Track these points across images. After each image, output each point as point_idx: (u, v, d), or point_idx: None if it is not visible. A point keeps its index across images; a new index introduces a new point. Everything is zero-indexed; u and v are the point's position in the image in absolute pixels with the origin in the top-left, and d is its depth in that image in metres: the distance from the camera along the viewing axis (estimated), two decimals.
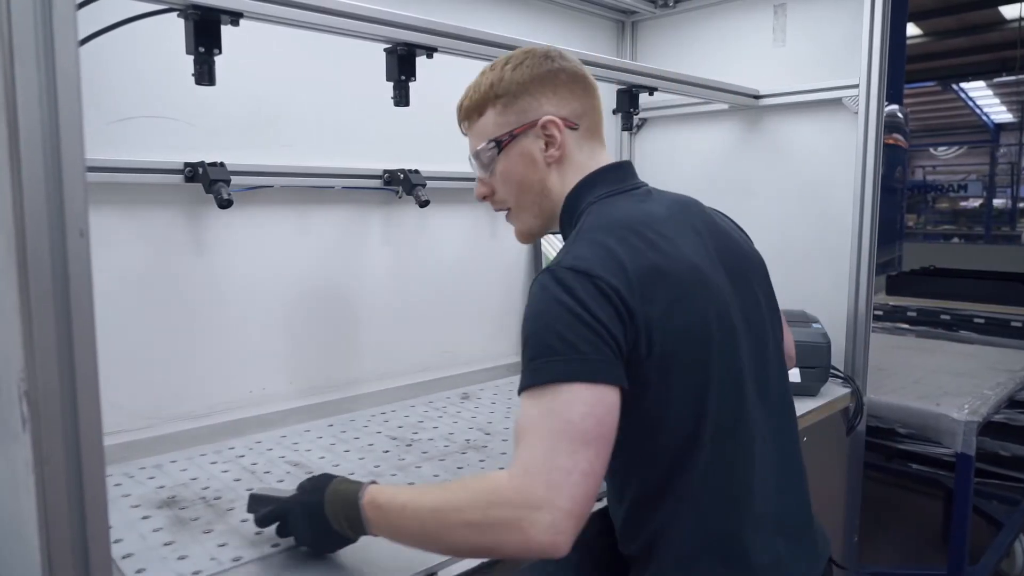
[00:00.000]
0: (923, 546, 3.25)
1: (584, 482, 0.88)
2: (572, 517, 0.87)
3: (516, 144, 1.15)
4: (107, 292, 1.54)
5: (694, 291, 1.03)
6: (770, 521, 1.08)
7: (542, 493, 0.87)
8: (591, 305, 0.94)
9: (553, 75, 1.14)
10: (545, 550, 0.88)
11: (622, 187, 1.15)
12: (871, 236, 2.06)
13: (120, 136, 1.54)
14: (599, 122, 1.19)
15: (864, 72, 2.01)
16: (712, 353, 1.03)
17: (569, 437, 0.89)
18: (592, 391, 0.91)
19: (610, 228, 1.04)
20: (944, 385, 2.56)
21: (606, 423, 0.92)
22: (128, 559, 1.08)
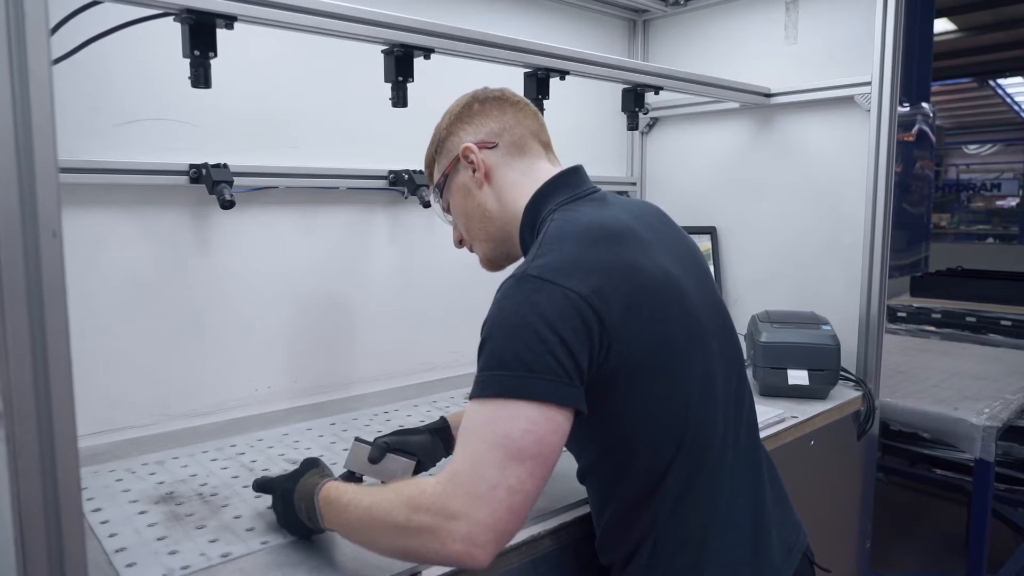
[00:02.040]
0: (946, 553, 3.18)
1: (508, 498, 0.88)
2: (491, 531, 0.87)
3: (452, 181, 1.22)
4: (113, 291, 1.58)
5: (667, 298, 1.02)
6: (751, 523, 1.09)
7: (461, 503, 0.88)
8: (554, 320, 0.92)
9: (468, 108, 1.21)
10: (461, 560, 0.88)
11: (580, 192, 1.15)
12: (884, 236, 2.02)
13: (127, 138, 1.57)
14: (525, 136, 1.20)
15: (876, 69, 1.97)
16: (688, 362, 1.03)
17: (503, 451, 0.89)
18: (537, 410, 0.90)
19: (577, 234, 1.03)
20: (964, 389, 2.50)
21: (548, 443, 0.90)
22: (121, 553, 1.10)
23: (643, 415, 1.01)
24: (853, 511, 2.14)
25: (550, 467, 0.92)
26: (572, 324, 0.92)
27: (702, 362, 1.05)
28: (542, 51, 1.60)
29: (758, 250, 2.33)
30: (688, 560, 1.04)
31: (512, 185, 1.17)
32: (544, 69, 1.64)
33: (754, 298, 2.34)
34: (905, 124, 4.03)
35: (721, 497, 1.06)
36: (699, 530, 1.05)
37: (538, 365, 0.91)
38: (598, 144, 2.56)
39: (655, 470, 1.03)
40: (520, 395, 0.90)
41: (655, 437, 1.02)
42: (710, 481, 1.05)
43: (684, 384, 1.03)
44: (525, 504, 0.90)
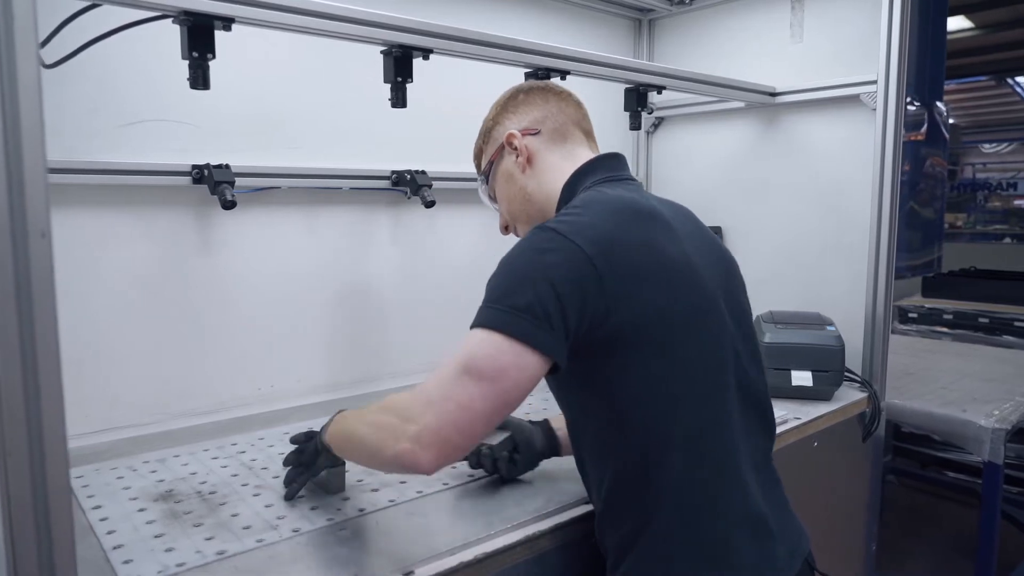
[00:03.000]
0: (956, 556, 3.14)
1: (457, 411, 0.95)
2: (435, 435, 0.94)
3: (497, 168, 1.29)
4: (116, 291, 1.60)
5: (680, 280, 1.05)
6: (756, 521, 1.08)
7: (418, 408, 0.97)
8: (553, 269, 0.97)
9: (512, 99, 1.29)
10: (406, 459, 0.96)
11: (617, 175, 1.21)
12: (890, 235, 2.00)
13: (130, 139, 1.58)
14: (567, 124, 1.26)
15: (882, 68, 1.95)
16: (693, 339, 1.04)
17: (464, 369, 0.96)
18: (508, 343, 0.95)
19: (604, 203, 1.09)
20: (974, 391, 2.48)
21: (508, 375, 0.95)
22: (118, 550, 1.11)
23: (639, 391, 1.02)
24: (858, 514, 2.12)
25: (507, 400, 0.96)
26: (569, 277, 0.97)
27: (711, 351, 1.06)
28: (542, 51, 1.60)
29: (763, 250, 2.32)
30: (685, 552, 1.04)
31: (553, 168, 1.23)
32: (544, 69, 1.64)
33: (758, 298, 2.30)
34: (917, 123, 3.98)
35: (722, 490, 1.06)
36: (696, 520, 1.04)
37: (525, 306, 0.96)
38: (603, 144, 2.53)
39: (649, 453, 1.03)
40: (499, 328, 0.96)
41: (650, 416, 1.03)
42: (711, 471, 1.05)
43: (686, 367, 1.03)
44: (473, 423, 0.95)
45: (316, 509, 1.25)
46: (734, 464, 1.08)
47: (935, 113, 4.17)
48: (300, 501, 1.28)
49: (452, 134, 2.12)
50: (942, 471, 3.53)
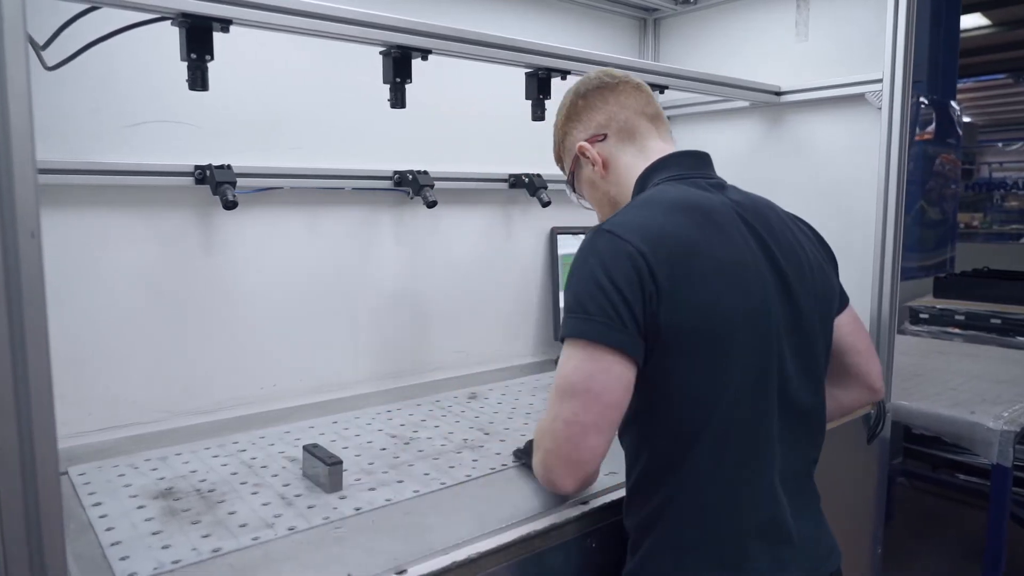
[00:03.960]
0: (964, 560, 3.11)
1: (566, 428, 1.02)
2: (557, 458, 1.04)
3: (579, 177, 1.35)
4: (120, 290, 1.61)
5: (728, 279, 1.06)
6: (774, 528, 1.09)
7: (538, 437, 1.11)
8: (612, 269, 1.02)
9: (573, 107, 1.31)
10: (548, 485, 1.10)
11: (693, 173, 1.20)
12: (896, 235, 1.98)
13: (134, 140, 1.60)
14: (632, 117, 1.26)
15: (888, 66, 1.93)
16: (734, 341, 1.05)
17: (560, 390, 1.04)
18: (587, 350, 1.02)
19: (659, 202, 1.12)
20: (983, 392, 2.45)
21: (597, 380, 1.01)
22: (115, 547, 1.12)
23: (680, 380, 1.05)
24: (864, 516, 2.10)
25: (607, 403, 1.02)
26: (627, 273, 1.02)
27: (752, 358, 1.07)
28: (541, 51, 1.60)
29: None
30: (697, 545, 1.07)
31: (627, 168, 1.26)
32: (544, 69, 1.64)
33: None
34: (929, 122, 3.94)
35: (744, 494, 1.07)
36: (714, 519, 1.07)
37: (593, 306, 1.02)
38: None
39: (677, 447, 1.06)
40: (577, 335, 1.03)
41: (682, 413, 1.06)
42: (736, 473, 1.07)
43: (723, 369, 1.05)
44: (585, 435, 1.02)
45: (313, 508, 1.25)
46: (762, 471, 1.09)
47: (948, 112, 4.12)
48: (297, 500, 1.29)
49: (454, 134, 2.13)
50: (953, 473, 3.49)
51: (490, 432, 1.65)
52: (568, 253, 2.35)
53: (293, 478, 1.39)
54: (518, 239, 2.32)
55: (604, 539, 1.29)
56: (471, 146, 2.17)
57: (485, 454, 1.52)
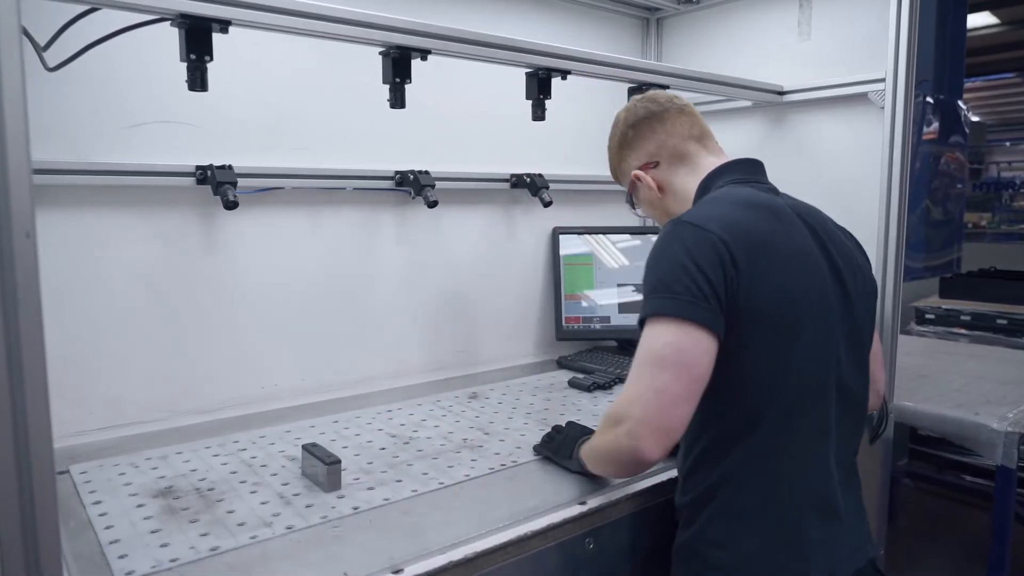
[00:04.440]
0: (969, 562, 3.09)
1: (657, 399, 1.06)
2: (647, 425, 1.06)
3: (638, 197, 1.45)
4: (122, 290, 1.62)
5: (796, 268, 1.16)
6: (827, 504, 1.18)
7: (623, 407, 1.10)
8: (696, 254, 1.10)
9: (624, 137, 1.42)
10: (633, 454, 1.08)
11: (750, 179, 1.32)
12: (899, 235, 1.97)
13: (137, 141, 1.61)
14: (680, 143, 1.37)
15: (891, 66, 1.92)
16: (802, 329, 1.14)
17: (649, 362, 1.09)
18: (676, 325, 1.08)
19: (730, 198, 1.22)
20: (988, 393, 2.43)
21: (688, 353, 1.07)
22: (114, 544, 1.12)
23: (752, 359, 1.12)
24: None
25: (695, 376, 1.08)
26: (709, 257, 1.10)
27: (818, 343, 1.16)
28: (541, 51, 1.60)
29: None
30: (756, 516, 1.14)
31: (683, 186, 1.36)
32: (544, 69, 1.64)
33: None
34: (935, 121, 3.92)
35: (804, 470, 1.16)
36: (773, 492, 1.14)
37: (679, 287, 1.09)
38: None
39: (750, 416, 1.14)
40: (663, 312, 1.09)
41: (757, 383, 1.13)
42: (798, 450, 1.16)
43: (797, 344, 1.13)
44: (675, 404, 1.06)
45: (311, 507, 1.26)
46: (822, 452, 1.18)
47: (955, 111, 4.10)
48: (295, 499, 1.29)
49: (456, 134, 2.13)
50: (959, 475, 3.47)
51: (490, 432, 1.65)
52: (570, 253, 2.35)
53: (292, 477, 1.39)
54: (520, 239, 2.32)
55: (602, 540, 1.29)
56: (473, 146, 2.17)
57: (484, 454, 1.52)
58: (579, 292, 2.35)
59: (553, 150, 2.32)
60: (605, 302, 2.35)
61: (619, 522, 1.31)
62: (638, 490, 1.34)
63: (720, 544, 1.16)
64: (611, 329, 2.35)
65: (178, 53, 1.23)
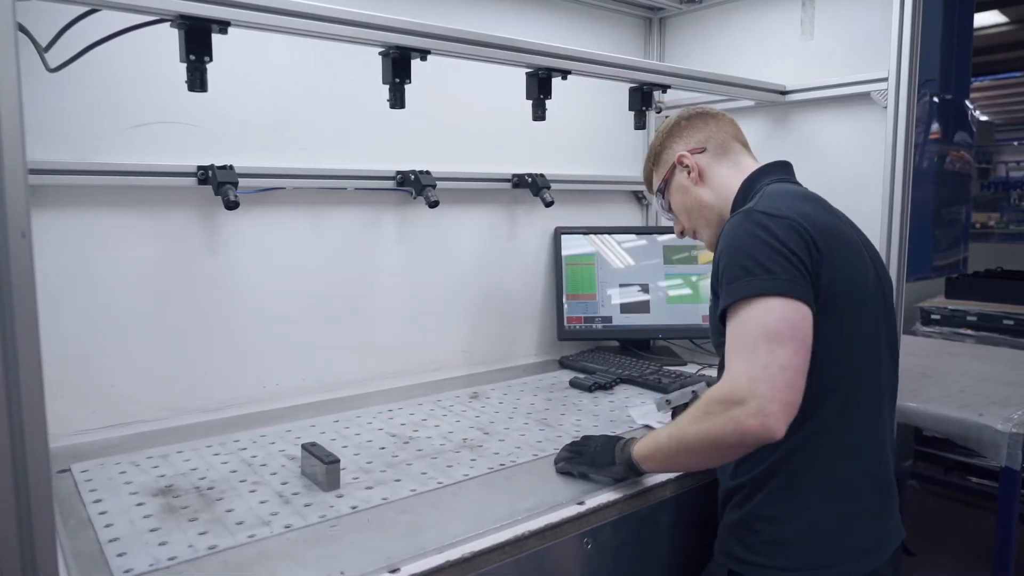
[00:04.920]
0: (974, 564, 3.07)
1: (782, 373, 1.07)
2: (775, 402, 1.06)
3: (671, 185, 1.48)
4: (124, 290, 1.63)
5: (855, 256, 1.23)
6: (881, 478, 1.25)
7: (745, 386, 1.07)
8: (781, 235, 1.14)
9: (676, 126, 1.48)
10: (758, 434, 1.06)
11: (790, 178, 1.41)
12: (901, 235, 1.96)
13: (140, 141, 1.62)
14: (727, 139, 1.45)
15: (893, 65, 1.91)
16: (862, 312, 1.21)
17: (766, 338, 1.09)
18: (783, 301, 1.10)
19: (790, 193, 1.28)
20: (992, 394, 2.42)
21: (800, 327, 1.10)
22: (113, 543, 1.13)
23: (826, 336, 1.15)
24: None
25: (808, 347, 1.10)
26: (796, 240, 1.14)
27: (875, 316, 1.24)
28: (541, 51, 1.60)
29: None
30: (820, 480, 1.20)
31: (724, 178, 1.42)
32: (545, 69, 1.64)
33: None
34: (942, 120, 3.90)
35: (864, 444, 1.23)
36: (831, 462, 1.20)
37: (777, 266, 1.12)
38: (614, 144, 2.54)
39: (815, 397, 1.15)
40: (767, 291, 1.11)
41: (828, 360, 1.16)
42: (860, 421, 1.22)
43: (861, 324, 1.21)
44: (797, 377, 1.08)
45: (310, 506, 1.26)
46: (878, 426, 1.25)
47: (961, 110, 4.08)
48: (294, 498, 1.30)
49: (458, 134, 2.14)
50: (964, 476, 3.45)
51: (490, 432, 1.66)
52: (572, 253, 2.35)
53: (292, 476, 1.39)
54: (522, 239, 2.32)
55: (600, 540, 1.29)
56: (474, 146, 2.18)
57: (484, 454, 1.52)
58: (581, 292, 2.35)
59: (555, 150, 2.32)
60: (607, 302, 2.35)
61: (617, 522, 1.31)
62: (636, 491, 1.34)
63: (777, 520, 1.21)
64: (613, 329, 2.35)
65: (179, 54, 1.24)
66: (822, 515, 1.20)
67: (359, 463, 1.47)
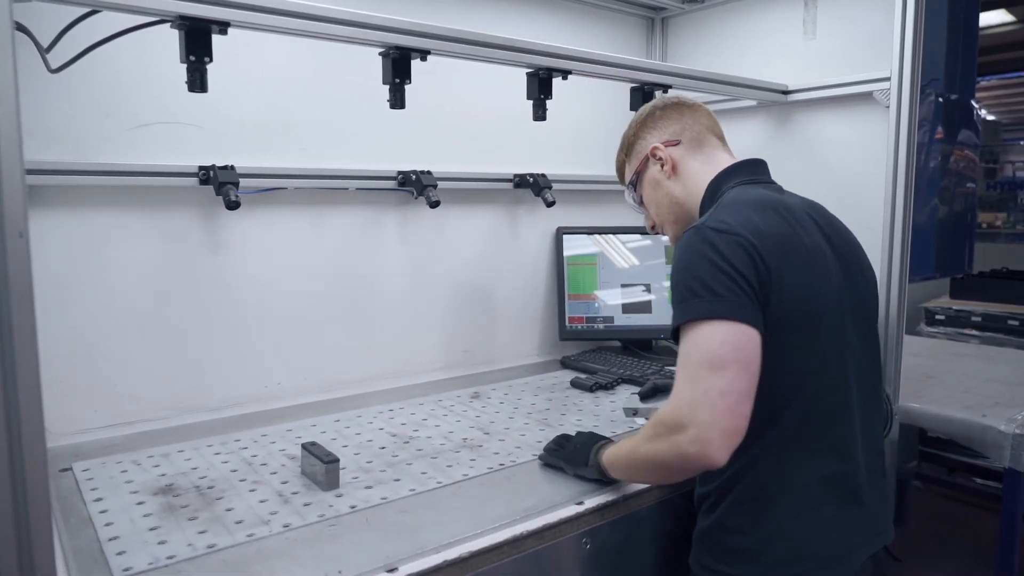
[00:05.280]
0: (979, 565, 3.06)
1: (722, 400, 1.06)
2: (715, 429, 1.05)
3: (643, 177, 1.46)
4: (127, 289, 1.64)
5: (813, 266, 1.20)
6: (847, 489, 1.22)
7: (686, 413, 1.07)
8: (729, 255, 1.12)
9: (651, 116, 1.45)
10: (698, 460, 1.06)
11: (760, 178, 1.36)
12: (904, 235, 1.95)
13: (143, 142, 1.63)
14: (702, 132, 1.42)
15: (896, 65, 1.91)
16: (820, 324, 1.18)
17: (707, 364, 1.08)
18: (727, 325, 1.09)
19: (748, 201, 1.24)
20: (996, 395, 2.41)
21: (744, 350, 1.09)
22: (113, 541, 1.14)
23: (780, 353, 1.15)
24: None
25: (753, 370, 1.09)
26: (743, 259, 1.12)
27: (836, 328, 1.21)
28: (541, 51, 1.60)
29: None
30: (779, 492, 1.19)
31: (695, 173, 1.38)
32: (545, 69, 1.64)
33: None
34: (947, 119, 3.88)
35: (824, 453, 1.20)
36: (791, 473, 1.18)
37: (722, 288, 1.10)
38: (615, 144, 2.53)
39: (774, 406, 1.16)
40: (712, 315, 1.10)
41: (784, 375, 1.16)
42: (821, 438, 1.20)
43: (819, 338, 1.18)
44: (739, 402, 1.07)
45: (309, 505, 1.27)
46: (842, 436, 1.22)
47: (966, 109, 4.06)
48: (294, 497, 1.30)
49: (460, 134, 2.14)
50: (970, 477, 3.44)
51: (490, 432, 1.66)
52: (574, 254, 2.35)
53: (292, 476, 1.40)
54: (524, 239, 2.32)
55: (599, 540, 1.29)
56: (476, 146, 2.18)
57: (483, 453, 1.52)
58: (583, 292, 2.35)
59: (556, 150, 2.32)
60: (609, 302, 2.34)
61: (616, 522, 1.31)
62: (635, 491, 1.34)
63: (740, 531, 1.21)
64: (615, 329, 2.34)
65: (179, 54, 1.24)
66: (785, 525, 1.19)
67: (359, 463, 1.47)
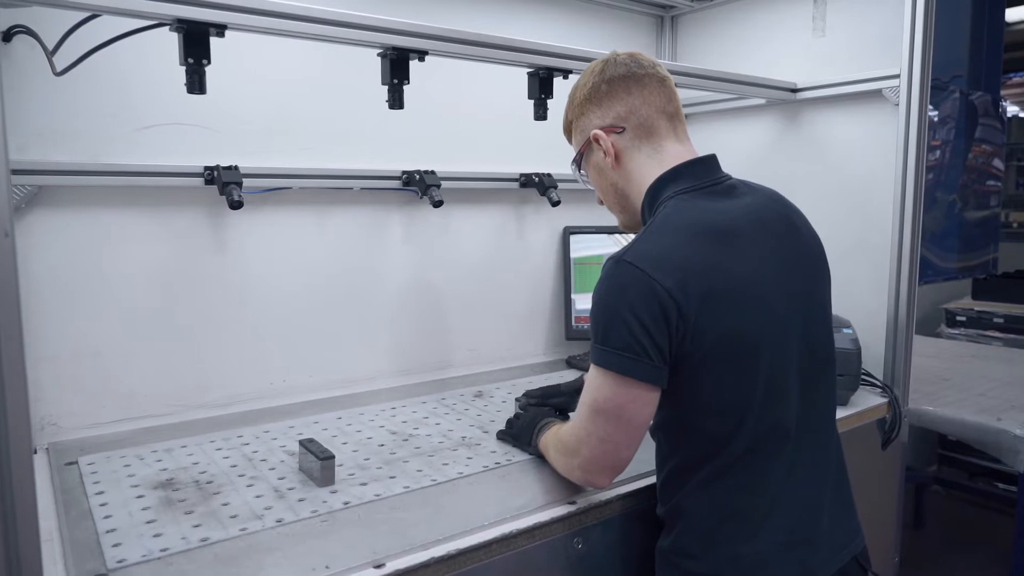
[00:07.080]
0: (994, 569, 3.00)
1: (600, 445, 1.15)
2: (595, 464, 1.18)
3: (587, 159, 1.34)
4: (133, 288, 1.67)
5: (748, 297, 1.12)
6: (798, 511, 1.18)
7: (575, 445, 1.21)
8: (639, 308, 1.07)
9: (596, 89, 1.27)
10: (587, 483, 1.25)
11: (703, 183, 1.22)
12: (913, 235, 1.93)
13: (150, 142, 1.65)
14: (652, 116, 1.24)
15: (905, 62, 1.88)
16: (759, 357, 1.13)
17: (594, 409, 1.14)
18: (619, 382, 1.10)
19: (682, 227, 1.14)
20: (1013, 398, 2.36)
21: (627, 409, 1.11)
22: (110, 534, 1.16)
23: (709, 397, 1.14)
24: (880, 524, 2.04)
25: (636, 425, 1.13)
26: (653, 312, 1.07)
27: (775, 358, 1.14)
28: (540, 51, 1.60)
29: None
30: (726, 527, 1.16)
31: (639, 168, 1.26)
32: (545, 68, 1.64)
33: None
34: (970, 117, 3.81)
35: (773, 481, 1.16)
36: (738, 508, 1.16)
37: (623, 344, 1.08)
38: None
39: (713, 444, 1.15)
40: (609, 367, 1.11)
41: (717, 417, 1.14)
42: (764, 464, 1.16)
43: (751, 376, 1.13)
44: (618, 449, 1.14)
45: (303, 501, 1.28)
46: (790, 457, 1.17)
47: (991, 106, 3.98)
48: (289, 493, 1.32)
49: (465, 134, 2.14)
50: (991, 482, 3.37)
51: (489, 431, 1.66)
52: (581, 256, 2.35)
53: (289, 472, 1.42)
54: (530, 238, 2.33)
55: (591, 540, 1.29)
56: (481, 145, 2.18)
57: (480, 452, 1.53)
58: (590, 292, 2.34)
59: (562, 149, 2.30)
60: None
61: (609, 522, 1.31)
62: (628, 491, 1.33)
63: (693, 555, 1.18)
64: None
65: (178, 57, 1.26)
66: (739, 549, 1.15)
67: (357, 459, 1.49)
